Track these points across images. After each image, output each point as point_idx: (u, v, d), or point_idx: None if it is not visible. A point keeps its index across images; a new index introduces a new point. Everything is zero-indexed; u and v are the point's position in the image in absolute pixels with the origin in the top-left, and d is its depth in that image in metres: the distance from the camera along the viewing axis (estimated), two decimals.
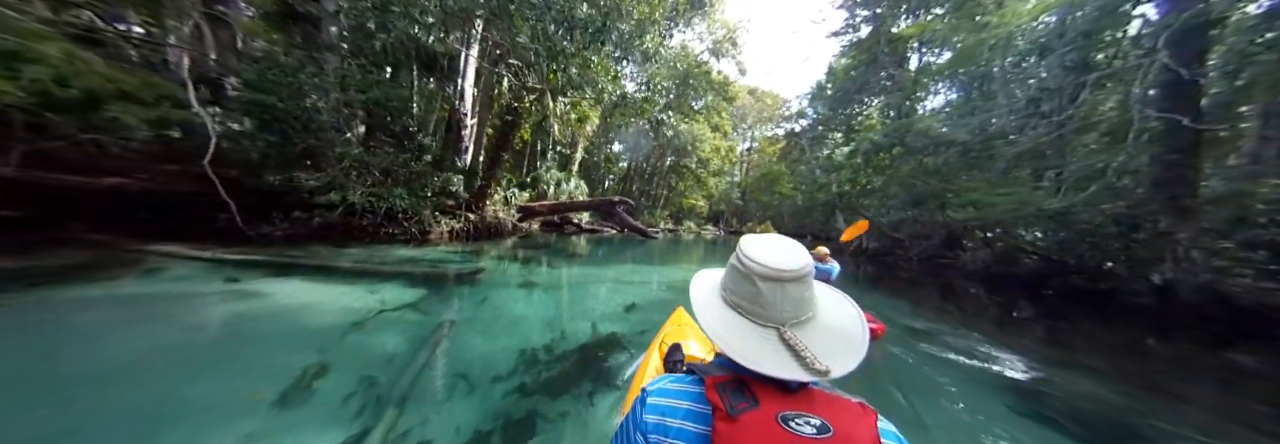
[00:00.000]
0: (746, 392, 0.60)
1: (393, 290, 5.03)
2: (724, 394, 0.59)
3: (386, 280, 5.40)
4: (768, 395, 0.59)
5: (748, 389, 0.60)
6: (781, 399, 0.59)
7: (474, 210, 11.14)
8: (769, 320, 0.64)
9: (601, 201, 17.06)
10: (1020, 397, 3.19)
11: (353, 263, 6.04)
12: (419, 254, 7.58)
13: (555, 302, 5.32)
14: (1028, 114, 11.23)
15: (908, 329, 5.09)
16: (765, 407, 0.57)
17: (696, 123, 27.47)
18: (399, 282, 5.41)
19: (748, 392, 0.60)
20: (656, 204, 31.22)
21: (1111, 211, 8.62)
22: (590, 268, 8.25)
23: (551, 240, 14.04)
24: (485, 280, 6.06)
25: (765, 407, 0.57)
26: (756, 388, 0.60)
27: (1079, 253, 9.57)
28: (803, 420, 0.56)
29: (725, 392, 0.60)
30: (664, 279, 7.61)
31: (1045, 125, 11.00)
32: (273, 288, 4.72)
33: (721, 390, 0.60)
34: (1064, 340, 5.32)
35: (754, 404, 0.58)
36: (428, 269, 6.37)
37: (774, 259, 0.65)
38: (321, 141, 6.77)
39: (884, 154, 13.10)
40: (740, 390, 0.60)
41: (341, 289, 4.94)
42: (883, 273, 12.30)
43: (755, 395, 0.59)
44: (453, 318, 4.23)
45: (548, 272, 7.33)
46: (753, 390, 0.60)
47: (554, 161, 18.76)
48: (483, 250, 9.07)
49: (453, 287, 5.50)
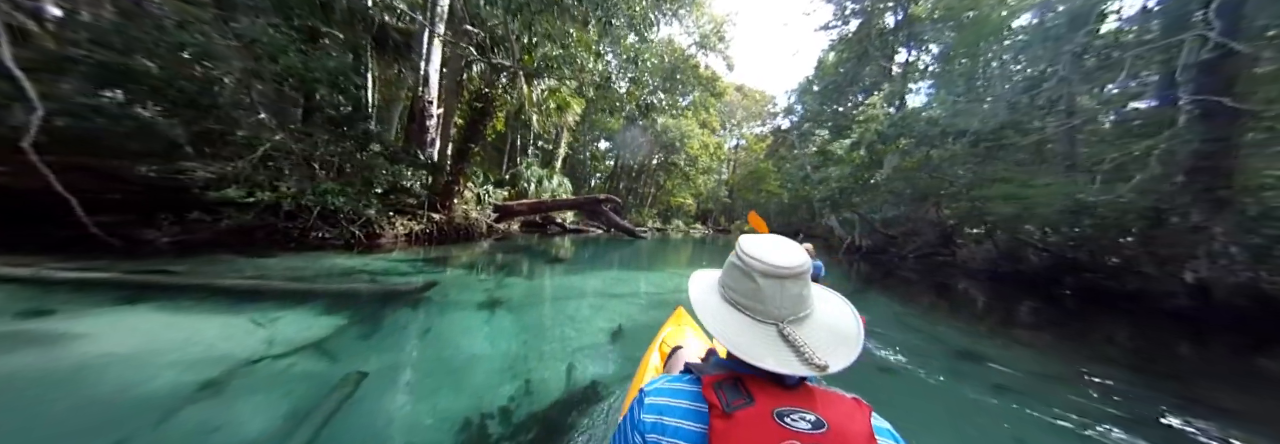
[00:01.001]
0: (743, 389, 0.59)
1: (293, 321, 3.53)
2: (721, 392, 0.59)
3: (291, 305, 3.88)
4: (764, 393, 0.58)
5: (744, 387, 0.59)
6: (777, 396, 0.58)
7: (440, 210, 9.59)
8: (768, 317, 0.63)
9: (586, 200, 15.60)
10: (1033, 400, 2.89)
11: (251, 279, 4.48)
12: (359, 264, 6.03)
13: (521, 330, 3.87)
14: (1037, 104, 10.19)
15: (916, 330, 4.65)
16: (761, 403, 0.57)
17: (685, 118, 26.16)
18: (310, 306, 3.89)
19: (744, 389, 0.59)
20: (644, 202, 29.88)
21: (1136, 204, 7.59)
22: (571, 276, 6.80)
23: (532, 242, 12.51)
24: (435, 299, 4.57)
25: (761, 403, 0.57)
26: (752, 386, 0.59)
27: (1093, 249, 8.59)
28: (798, 416, 0.55)
29: (722, 390, 0.59)
30: (657, 289, 6.21)
31: (1056, 114, 10.04)
32: (103, 323, 3.18)
33: (718, 388, 0.59)
34: (1092, 345, 4.68)
35: (750, 401, 0.57)
36: (359, 286, 4.87)
37: (773, 256, 0.64)
38: (222, 123, 5.16)
39: (891, 146, 11.92)
40: (737, 388, 0.59)
41: (215, 321, 3.42)
42: (879, 272, 11.13)
43: (751, 393, 0.58)
44: (368, 367, 2.77)
45: (519, 284, 5.86)
46: (749, 388, 0.59)
47: (535, 158, 17.21)
48: (448, 257, 7.55)
49: (385, 311, 4.01)
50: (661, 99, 24.04)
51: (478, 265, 7.13)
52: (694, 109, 28.52)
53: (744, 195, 40.43)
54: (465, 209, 10.68)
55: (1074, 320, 6.12)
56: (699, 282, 0.76)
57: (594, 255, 10.42)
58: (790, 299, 0.63)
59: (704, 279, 0.76)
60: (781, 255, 0.64)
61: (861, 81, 25.74)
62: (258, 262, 5.44)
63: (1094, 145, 9.21)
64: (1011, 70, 11.84)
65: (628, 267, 8.62)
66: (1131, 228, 8.15)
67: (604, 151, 30.84)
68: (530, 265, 7.81)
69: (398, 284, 4.95)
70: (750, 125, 41.12)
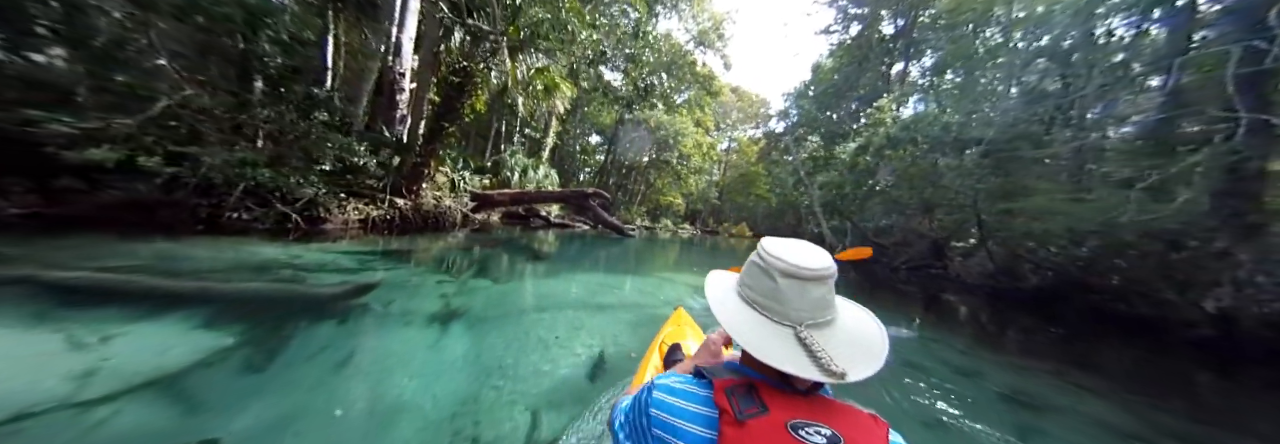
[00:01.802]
0: (756, 397, 0.56)
1: (143, 340, 2.33)
2: (733, 398, 0.56)
3: (152, 314, 2.65)
4: (778, 402, 0.56)
5: (757, 394, 0.57)
6: (792, 406, 0.56)
7: (406, 194, 8.32)
8: (785, 319, 0.60)
9: (573, 193, 14.41)
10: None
11: (105, 273, 3.23)
12: (286, 256, 4.77)
13: (476, 359, 2.71)
14: (1063, 114, 9.44)
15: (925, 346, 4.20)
16: (775, 413, 0.54)
17: (680, 115, 25.16)
18: (181, 316, 2.66)
19: (757, 397, 0.56)
20: (634, 200, 28.80)
21: (1156, 225, 6.85)
22: (549, 280, 5.65)
23: (512, 235, 11.27)
24: (373, 308, 3.39)
25: (775, 413, 0.54)
26: (766, 393, 0.57)
27: (1103, 269, 7.90)
28: (813, 430, 0.52)
29: (734, 396, 0.56)
30: (648, 300, 5.10)
31: (1072, 128, 9.34)
32: None
33: (731, 394, 0.57)
34: (1105, 373, 4.19)
35: (763, 410, 0.54)
36: (272, 286, 3.64)
37: (795, 257, 0.61)
38: (96, 64, 3.86)
39: (900, 151, 11.07)
40: (750, 396, 0.56)
41: (17, 336, 2.22)
42: (871, 282, 10.32)
43: (765, 401, 0.56)
44: (235, 426, 1.67)
45: (485, 288, 4.68)
46: (762, 396, 0.56)
47: (521, 146, 15.95)
48: (409, 250, 6.31)
49: (295, 326, 2.81)
50: (663, 80, 22.87)
51: (441, 261, 5.92)
52: (689, 107, 27.62)
53: (733, 198, 39.88)
54: (438, 196, 9.41)
55: (1081, 344, 5.53)
56: (717, 281, 0.73)
57: (578, 254, 9.26)
58: (811, 302, 0.60)
59: (722, 278, 0.73)
60: (805, 256, 0.61)
61: (858, 89, 25.21)
62: (147, 248, 4.16)
63: (1121, 160, 8.45)
64: (1026, 81, 11.12)
65: (615, 269, 7.50)
66: (1146, 250, 7.42)
67: (595, 145, 29.66)
68: (504, 263, 6.63)
69: (328, 286, 3.75)
70: (743, 127, 40.52)
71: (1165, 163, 6.85)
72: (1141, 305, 7.11)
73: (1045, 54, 10.11)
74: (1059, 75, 10.05)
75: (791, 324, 0.59)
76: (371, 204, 7.27)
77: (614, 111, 26.75)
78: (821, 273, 0.59)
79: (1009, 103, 10.34)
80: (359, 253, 5.55)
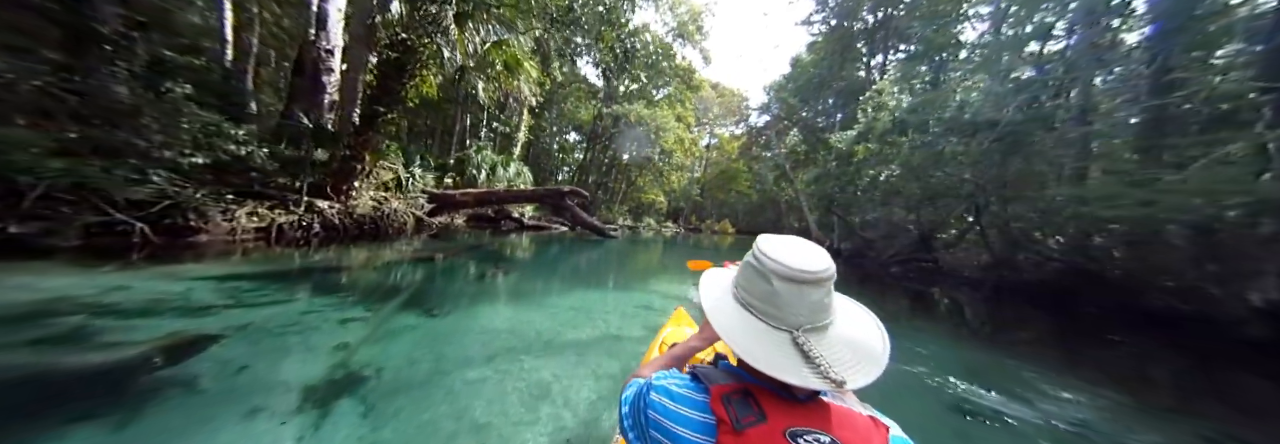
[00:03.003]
0: (753, 404, 0.54)
1: None
2: (730, 407, 0.53)
3: None
4: (775, 409, 0.53)
5: (755, 401, 0.54)
6: (790, 413, 0.53)
7: (334, 195, 6.65)
8: (783, 323, 0.56)
9: (548, 192, 12.82)
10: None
11: None
12: (99, 288, 3.14)
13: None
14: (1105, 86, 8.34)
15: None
16: (773, 421, 0.52)
17: (661, 109, 23.78)
18: None
19: (755, 404, 0.54)
20: (615, 199, 27.31)
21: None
22: (506, 305, 4.10)
23: (481, 240, 9.60)
24: (199, 383, 1.84)
25: (773, 421, 0.52)
26: (764, 400, 0.54)
27: (1120, 261, 6.92)
28: (812, 437, 0.50)
29: (731, 404, 0.54)
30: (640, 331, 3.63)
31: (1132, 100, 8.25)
32: None
33: (727, 402, 0.54)
34: (1150, 384, 3.37)
35: (761, 418, 0.52)
36: (21, 353, 2.05)
37: (794, 259, 0.56)
38: None
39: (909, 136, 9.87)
40: (747, 403, 0.54)
41: None
42: (862, 277, 9.24)
43: (763, 409, 0.53)
44: None
45: (409, 329, 3.10)
46: (760, 403, 0.54)
47: (489, 142, 14.26)
48: (323, 268, 4.68)
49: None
50: (649, 42, 21.24)
51: (365, 285, 4.31)
52: (670, 102, 26.34)
53: (715, 194, 38.87)
54: (380, 197, 7.73)
55: (1109, 347, 4.52)
56: (712, 281, 0.69)
57: (551, 263, 7.71)
58: (809, 306, 0.56)
59: (718, 279, 0.70)
60: (803, 258, 0.57)
61: (836, 83, 24.31)
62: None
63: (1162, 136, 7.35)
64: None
65: (594, 283, 5.98)
66: (1172, 237, 6.36)
67: (574, 143, 28.05)
68: (455, 282, 5.04)
69: (136, 343, 2.18)
70: (724, 123, 39.57)
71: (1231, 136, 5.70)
72: (1173, 299, 6.05)
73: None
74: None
75: (789, 329, 0.55)
76: (279, 208, 5.59)
77: (592, 107, 25.20)
78: (821, 276, 0.55)
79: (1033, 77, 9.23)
80: (238, 277, 3.90)
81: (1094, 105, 7.83)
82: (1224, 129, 5.65)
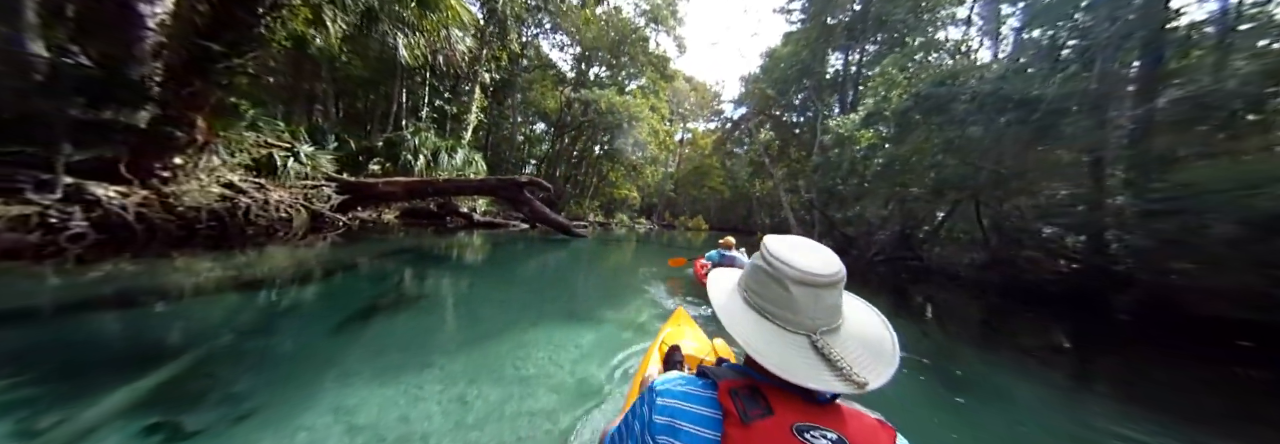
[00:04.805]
0: (761, 398, 0.51)
1: None
2: (738, 400, 0.51)
3: None
4: (783, 404, 0.51)
5: (762, 396, 0.52)
6: (797, 409, 0.51)
7: (139, 176, 4.20)
8: (799, 327, 0.54)
9: (501, 183, 10.42)
10: None
11: None
12: None
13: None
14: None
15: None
16: (780, 416, 0.50)
17: (636, 97, 21.61)
18: None
19: (762, 398, 0.51)
20: (586, 193, 24.99)
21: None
22: (401, 367, 1.94)
23: (415, 242, 7.17)
24: None
25: (780, 416, 0.50)
26: (771, 395, 0.52)
27: (1152, 260, 5.54)
28: (818, 433, 0.48)
29: (739, 397, 0.52)
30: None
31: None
32: None
33: (735, 396, 0.52)
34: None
35: (768, 412, 0.50)
36: None
37: (808, 262, 0.54)
38: None
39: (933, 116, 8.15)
40: (754, 397, 0.52)
41: None
42: (855, 279, 7.59)
43: (770, 403, 0.51)
44: None
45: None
46: (767, 397, 0.52)
47: (431, 123, 11.68)
48: (94, 297, 2.36)
49: None
50: (620, 24, 18.73)
51: (120, 341, 2.01)
52: (643, 93, 24.20)
53: (688, 191, 37.20)
54: (234, 182, 5.24)
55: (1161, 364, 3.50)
56: (719, 283, 0.66)
57: (496, 275, 5.40)
58: (825, 309, 0.54)
59: (724, 281, 0.66)
60: (817, 261, 0.54)
61: (810, 77, 22.88)
62: None
63: None
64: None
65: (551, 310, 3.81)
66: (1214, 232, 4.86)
67: (541, 134, 25.46)
68: (323, 320, 2.79)
69: None
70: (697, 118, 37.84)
71: None
72: (1227, 307, 4.55)
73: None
74: None
75: (805, 332, 0.53)
76: (9, 194, 3.13)
77: (560, 95, 22.72)
78: (836, 278, 0.53)
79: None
80: None
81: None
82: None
